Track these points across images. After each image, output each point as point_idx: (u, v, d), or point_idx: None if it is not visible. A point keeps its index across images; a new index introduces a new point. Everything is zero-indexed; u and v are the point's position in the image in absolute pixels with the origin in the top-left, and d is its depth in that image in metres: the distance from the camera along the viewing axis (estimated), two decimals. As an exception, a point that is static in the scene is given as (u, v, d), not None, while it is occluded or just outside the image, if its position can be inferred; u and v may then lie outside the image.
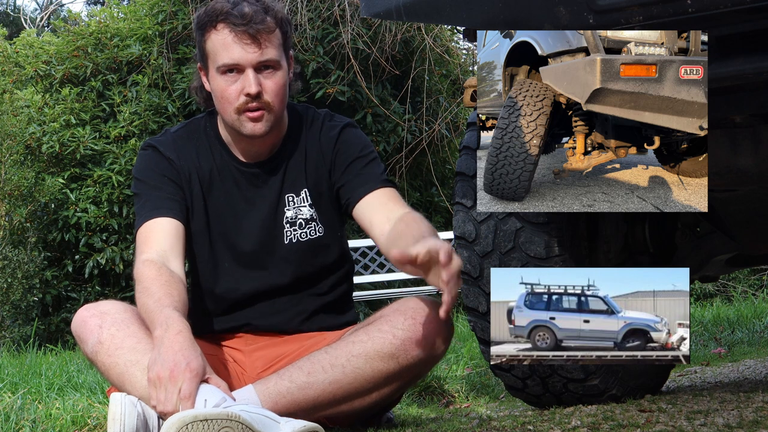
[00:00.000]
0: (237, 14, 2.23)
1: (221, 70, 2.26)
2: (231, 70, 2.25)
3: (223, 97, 2.27)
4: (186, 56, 10.02)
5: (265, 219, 2.37)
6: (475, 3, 1.89)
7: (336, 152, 2.39)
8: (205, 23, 2.28)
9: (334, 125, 2.43)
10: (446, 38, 10.10)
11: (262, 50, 2.24)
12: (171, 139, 2.41)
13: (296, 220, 2.38)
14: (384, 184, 2.37)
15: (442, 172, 10.66)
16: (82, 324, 2.17)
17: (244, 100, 2.25)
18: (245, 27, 2.23)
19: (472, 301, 2.40)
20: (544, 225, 2.31)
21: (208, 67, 2.30)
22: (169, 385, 1.89)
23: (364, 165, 2.38)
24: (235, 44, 2.23)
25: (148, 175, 2.36)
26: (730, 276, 10.41)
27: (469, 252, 2.39)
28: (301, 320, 2.40)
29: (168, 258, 2.22)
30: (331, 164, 2.39)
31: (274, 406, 2.04)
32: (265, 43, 2.25)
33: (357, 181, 2.36)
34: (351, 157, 2.38)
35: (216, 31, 2.26)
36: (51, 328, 9.49)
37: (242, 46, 2.23)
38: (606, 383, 2.40)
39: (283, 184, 2.38)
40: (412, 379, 2.25)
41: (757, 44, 1.79)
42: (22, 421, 2.54)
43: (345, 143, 2.40)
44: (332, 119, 2.45)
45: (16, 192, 9.62)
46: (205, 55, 2.30)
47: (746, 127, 2.13)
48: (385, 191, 2.36)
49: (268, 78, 2.26)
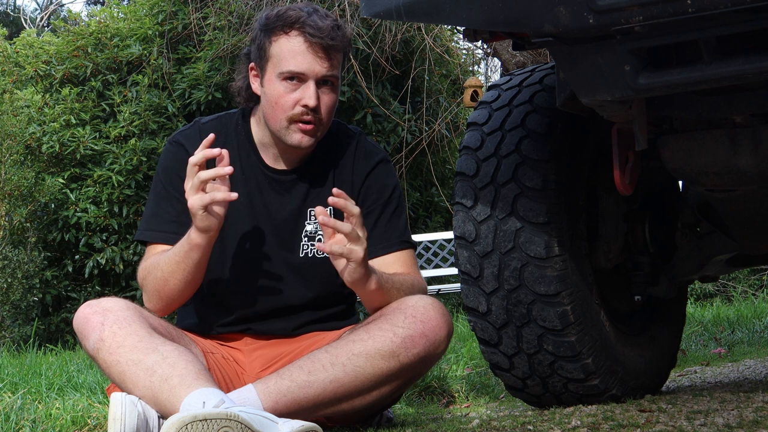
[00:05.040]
0: (313, 25, 2.23)
1: (284, 75, 2.25)
2: (293, 78, 2.25)
3: (278, 103, 2.27)
4: (186, 56, 10.03)
5: (283, 228, 2.35)
6: (475, 3, 1.89)
7: (366, 187, 2.39)
8: (276, 26, 2.26)
9: (370, 154, 2.42)
10: (446, 38, 10.10)
11: (330, 65, 2.25)
12: (198, 132, 2.38)
13: (315, 235, 2.36)
14: (402, 246, 2.38)
15: (442, 172, 10.66)
16: (84, 321, 2.16)
17: (300, 110, 2.25)
18: (320, 39, 2.23)
19: (472, 301, 2.40)
20: (544, 225, 2.31)
21: (266, 69, 2.29)
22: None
23: (389, 216, 2.38)
24: (306, 53, 2.23)
25: (168, 179, 2.36)
26: (730, 276, 10.42)
27: (469, 252, 2.38)
28: (304, 328, 2.40)
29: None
30: (357, 195, 2.37)
31: (275, 405, 2.04)
32: (333, 60, 2.26)
33: (378, 234, 2.36)
34: (380, 200, 2.39)
35: (287, 36, 2.25)
36: (51, 328, 9.50)
37: (314, 56, 2.23)
38: (606, 383, 2.40)
39: (308, 197, 2.37)
40: (412, 378, 2.25)
41: (757, 44, 1.79)
42: (22, 421, 2.54)
43: (377, 181, 2.40)
44: (366, 145, 2.44)
45: (16, 192, 9.62)
46: (267, 57, 2.28)
47: (746, 127, 2.13)
48: (402, 254, 2.38)
49: (325, 94, 2.27)
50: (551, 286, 2.30)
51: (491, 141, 2.41)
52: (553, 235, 2.31)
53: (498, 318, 2.37)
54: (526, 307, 2.33)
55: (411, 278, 2.34)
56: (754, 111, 2.08)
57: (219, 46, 9.38)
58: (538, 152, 2.34)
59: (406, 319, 2.16)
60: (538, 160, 2.34)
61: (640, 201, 2.61)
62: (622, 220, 2.56)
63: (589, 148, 2.46)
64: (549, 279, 2.30)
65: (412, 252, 2.42)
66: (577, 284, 2.34)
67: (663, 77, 1.85)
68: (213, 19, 9.53)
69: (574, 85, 1.97)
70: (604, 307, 2.45)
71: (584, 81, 1.93)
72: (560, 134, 2.37)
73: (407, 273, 2.36)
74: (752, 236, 2.49)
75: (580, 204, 2.41)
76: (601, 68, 1.88)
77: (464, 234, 2.39)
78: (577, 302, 2.33)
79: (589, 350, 2.35)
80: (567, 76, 1.99)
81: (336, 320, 2.43)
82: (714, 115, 2.12)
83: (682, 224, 2.63)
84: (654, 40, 1.81)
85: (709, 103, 2.08)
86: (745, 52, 1.79)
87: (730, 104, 2.07)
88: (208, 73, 9.60)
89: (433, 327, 2.18)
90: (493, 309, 2.36)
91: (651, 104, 2.11)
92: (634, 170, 2.27)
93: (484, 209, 2.37)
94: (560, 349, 2.34)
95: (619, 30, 1.79)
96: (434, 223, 10.61)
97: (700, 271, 2.66)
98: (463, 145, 2.48)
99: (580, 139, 2.41)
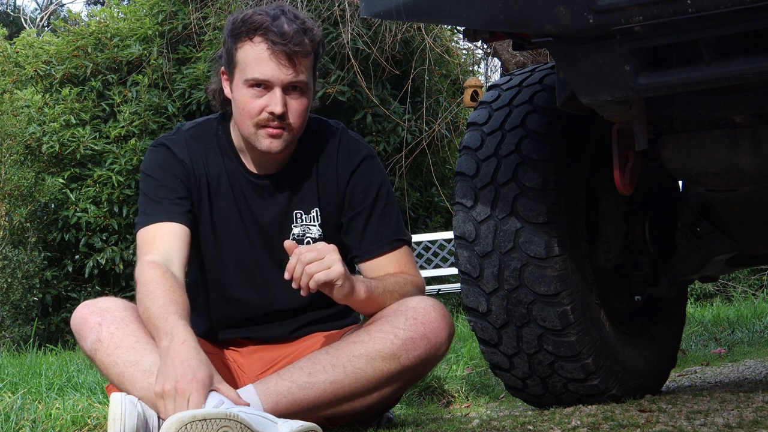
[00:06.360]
0: (276, 31, 2.18)
1: (249, 83, 2.21)
2: (259, 84, 2.21)
3: (245, 110, 2.23)
4: (186, 56, 10.03)
5: (270, 233, 2.33)
6: (475, 3, 1.89)
7: (351, 186, 2.34)
8: (241, 32, 2.22)
9: (353, 151, 2.36)
10: (446, 38, 10.10)
11: (295, 71, 2.20)
12: (183, 139, 2.36)
13: (303, 238, 2.34)
14: (395, 245, 2.34)
15: (442, 172, 10.66)
16: (82, 321, 2.16)
17: (266, 117, 2.21)
18: (283, 46, 2.18)
19: (472, 301, 2.40)
20: (544, 225, 2.31)
21: (234, 75, 2.25)
22: (177, 397, 1.87)
23: (379, 215, 2.33)
24: (269, 61, 2.19)
25: (160, 174, 2.31)
26: (730, 276, 10.42)
27: (469, 252, 2.38)
28: (302, 330, 2.40)
29: (172, 262, 2.19)
30: (343, 195, 2.34)
31: (275, 406, 2.03)
32: (299, 66, 2.20)
33: (370, 235, 2.32)
34: (367, 200, 2.33)
35: (251, 43, 2.21)
36: (51, 328, 9.50)
37: (277, 64, 2.19)
38: (606, 383, 2.40)
39: (291, 200, 2.34)
40: (413, 379, 2.25)
41: (757, 44, 1.79)
42: (22, 421, 2.54)
43: (362, 179, 2.34)
44: (350, 142, 2.38)
45: (16, 192, 9.63)
46: (234, 63, 2.25)
47: (746, 127, 2.13)
48: (396, 254, 2.33)
49: (294, 99, 2.23)
50: (551, 286, 2.30)
51: (491, 141, 2.41)
52: (553, 235, 2.31)
53: (498, 318, 2.36)
54: (526, 307, 2.32)
55: (405, 277, 2.30)
56: (754, 111, 2.08)
57: (219, 46, 9.38)
58: (538, 152, 2.34)
59: (407, 321, 2.16)
60: (538, 160, 2.34)
61: (640, 201, 2.61)
62: (622, 220, 2.56)
63: (589, 148, 2.45)
64: (549, 279, 2.30)
65: (407, 249, 2.37)
66: (577, 284, 2.34)
67: (663, 77, 1.85)
68: (213, 19, 9.53)
69: (574, 85, 1.97)
70: (604, 307, 2.45)
71: (584, 81, 1.93)
72: (560, 134, 2.37)
73: (402, 272, 2.33)
74: (752, 236, 2.49)
75: (580, 204, 2.41)
76: (601, 68, 1.88)
77: (464, 234, 2.39)
78: (577, 302, 2.33)
79: (589, 350, 2.35)
80: (567, 76, 1.99)
81: (334, 320, 2.42)
82: (714, 115, 2.12)
83: (682, 224, 2.63)
84: (654, 40, 1.81)
85: (709, 103, 2.08)
86: (745, 52, 1.79)
87: (730, 104, 2.07)
88: (208, 73, 9.59)
89: (434, 329, 2.17)
90: (493, 309, 2.36)
91: (651, 104, 2.11)
92: (634, 170, 2.26)
93: (484, 209, 2.36)
94: (560, 349, 2.34)
95: (619, 30, 1.79)
96: (434, 223, 10.61)
97: (700, 271, 2.66)
98: (463, 145, 2.48)
99: (580, 139, 2.41)
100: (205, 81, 9.55)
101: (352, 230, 2.34)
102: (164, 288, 2.09)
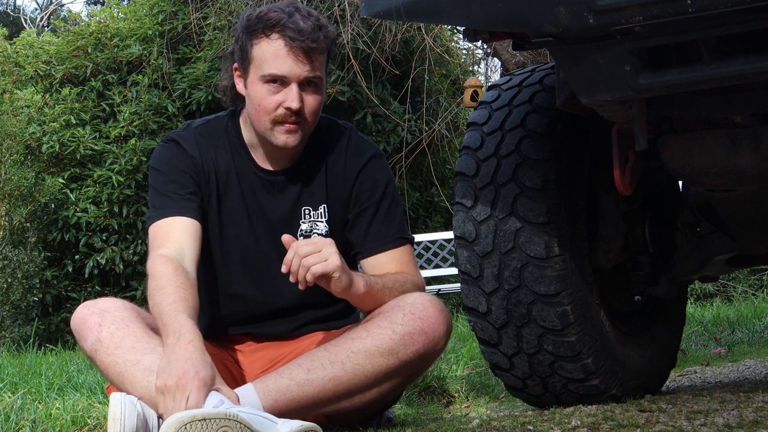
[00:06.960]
0: (293, 27, 2.22)
1: (266, 78, 2.24)
2: (275, 80, 2.24)
3: (261, 106, 2.26)
4: (186, 56, 10.03)
5: (278, 228, 2.34)
6: (475, 3, 1.89)
7: (359, 184, 2.37)
8: (257, 29, 2.25)
9: (361, 150, 2.40)
10: (446, 38, 10.11)
11: (312, 67, 2.24)
12: (193, 135, 2.38)
13: (311, 234, 2.36)
14: (398, 242, 2.36)
15: (442, 172, 10.66)
16: (82, 321, 2.16)
17: (283, 112, 2.24)
18: (300, 42, 2.21)
19: (472, 301, 2.40)
20: (544, 225, 2.31)
21: (249, 71, 2.28)
22: (176, 393, 1.88)
23: (385, 212, 2.36)
24: (287, 57, 2.22)
25: (170, 169, 2.33)
26: (730, 276, 10.42)
27: (469, 252, 2.38)
28: (304, 328, 2.41)
29: (185, 258, 2.20)
30: (351, 192, 2.37)
31: (274, 404, 2.03)
32: (315, 61, 2.24)
33: (374, 232, 2.35)
34: (373, 197, 2.36)
35: (268, 39, 2.24)
36: (51, 328, 9.50)
37: (294, 60, 2.22)
38: (606, 383, 2.40)
39: (300, 196, 2.37)
40: (412, 375, 2.25)
41: (757, 44, 1.79)
42: (22, 421, 2.54)
43: (369, 177, 2.38)
44: (358, 141, 2.42)
45: (16, 192, 9.63)
46: (249, 59, 2.27)
47: (746, 127, 2.13)
48: (398, 251, 2.36)
49: (309, 95, 2.26)
50: (551, 286, 2.30)
51: (491, 141, 2.41)
52: (553, 235, 2.31)
53: (498, 318, 2.37)
54: (526, 307, 2.33)
55: (405, 276, 2.32)
56: (754, 111, 2.08)
57: (219, 46, 9.39)
58: (538, 152, 2.34)
59: (405, 317, 2.16)
60: (538, 160, 2.34)
61: (640, 201, 2.61)
62: (622, 220, 2.56)
63: (589, 148, 2.45)
64: (549, 279, 2.30)
65: (409, 248, 2.39)
66: (577, 284, 2.34)
67: (663, 77, 1.85)
68: (213, 19, 9.53)
69: (574, 85, 1.97)
70: (604, 307, 2.45)
71: (584, 81, 1.93)
72: (560, 134, 2.37)
73: (402, 271, 2.34)
74: (752, 236, 2.49)
75: (580, 204, 2.41)
76: (601, 68, 1.88)
77: (464, 234, 2.39)
78: (577, 302, 2.33)
79: (589, 350, 2.35)
80: (567, 76, 1.99)
81: (335, 319, 2.42)
82: (714, 115, 2.12)
83: (682, 224, 2.63)
84: (654, 40, 1.81)
85: (709, 103, 2.08)
86: (745, 52, 1.79)
87: (730, 104, 2.07)
88: (208, 73, 9.60)
89: (432, 324, 2.17)
90: (493, 309, 2.36)
91: (651, 104, 2.11)
92: (634, 170, 2.26)
93: (484, 209, 2.37)
94: (560, 349, 2.34)
95: (619, 30, 1.80)
96: (434, 223, 10.61)
97: (700, 271, 2.66)
98: (463, 145, 2.48)
99: (580, 139, 2.41)
100: (206, 81, 9.56)
101: (357, 226, 2.36)
102: (175, 285, 2.10)
